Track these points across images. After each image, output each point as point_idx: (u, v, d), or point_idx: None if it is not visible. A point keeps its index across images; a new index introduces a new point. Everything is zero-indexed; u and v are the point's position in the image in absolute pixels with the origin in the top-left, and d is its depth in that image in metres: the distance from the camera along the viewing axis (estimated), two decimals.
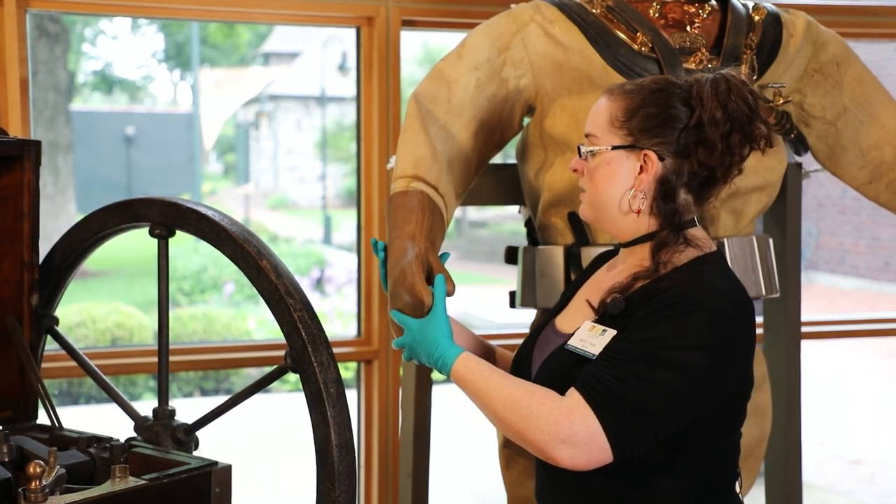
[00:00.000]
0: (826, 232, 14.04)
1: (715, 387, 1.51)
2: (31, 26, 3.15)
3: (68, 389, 7.77)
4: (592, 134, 1.61)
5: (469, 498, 5.29)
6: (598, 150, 1.59)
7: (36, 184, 1.92)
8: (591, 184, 1.62)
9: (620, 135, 1.57)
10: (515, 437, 1.53)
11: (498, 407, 1.53)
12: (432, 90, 2.02)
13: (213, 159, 28.46)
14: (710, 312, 1.48)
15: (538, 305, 2.13)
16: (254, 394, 1.78)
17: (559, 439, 1.47)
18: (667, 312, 1.49)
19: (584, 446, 1.47)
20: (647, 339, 1.48)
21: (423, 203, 1.83)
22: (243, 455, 5.78)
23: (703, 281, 1.52)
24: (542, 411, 1.49)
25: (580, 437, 1.46)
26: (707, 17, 2.11)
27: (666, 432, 1.49)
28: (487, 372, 1.57)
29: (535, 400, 1.50)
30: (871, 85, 2.27)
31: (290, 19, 3.18)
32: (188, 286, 11.84)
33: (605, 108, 1.60)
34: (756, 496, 2.83)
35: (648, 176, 1.56)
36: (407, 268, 1.69)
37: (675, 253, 1.56)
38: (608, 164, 1.58)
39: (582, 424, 1.46)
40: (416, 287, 1.66)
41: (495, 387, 1.54)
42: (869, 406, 7.52)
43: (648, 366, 1.47)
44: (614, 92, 1.61)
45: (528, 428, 1.49)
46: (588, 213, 1.65)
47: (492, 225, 18.66)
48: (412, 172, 1.91)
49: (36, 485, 1.44)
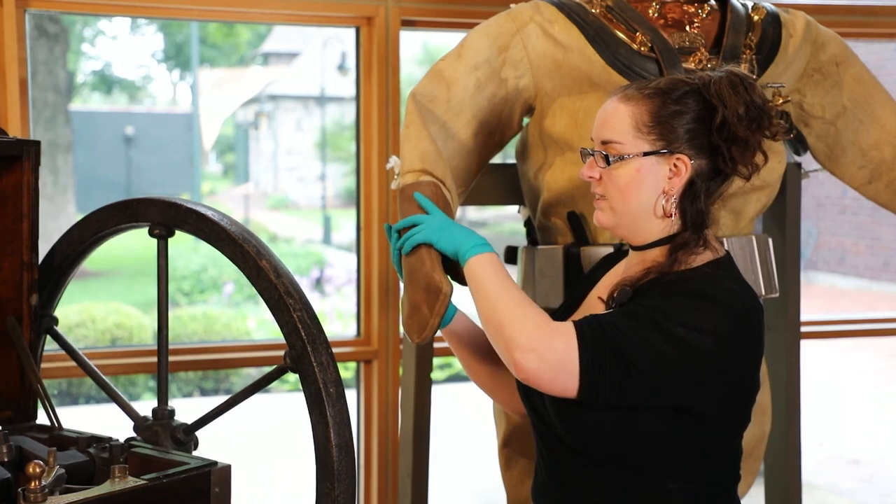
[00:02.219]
0: (826, 232, 14.04)
1: (713, 379, 1.51)
2: (31, 26, 3.15)
3: (68, 389, 7.77)
4: (615, 141, 1.57)
5: (469, 498, 5.29)
6: (628, 157, 1.56)
7: (35, 184, 1.92)
8: (616, 191, 1.58)
9: (650, 140, 1.56)
10: (494, 329, 1.55)
11: (499, 299, 1.56)
12: (431, 90, 2.02)
13: (212, 159, 28.45)
14: (723, 307, 1.50)
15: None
16: (253, 394, 1.78)
17: (531, 347, 1.50)
18: (680, 291, 1.51)
19: (554, 364, 1.49)
20: (654, 307, 1.50)
21: (437, 194, 1.84)
22: (243, 455, 5.78)
23: (718, 282, 1.54)
24: (531, 316, 1.53)
25: (553, 354, 1.49)
26: (706, 17, 2.11)
27: (637, 394, 1.49)
28: (502, 274, 1.61)
29: (532, 309, 1.55)
30: (870, 85, 2.27)
31: (289, 19, 3.18)
32: (188, 286, 11.84)
33: (627, 114, 1.57)
34: (756, 496, 2.83)
35: (680, 179, 1.56)
36: (426, 255, 1.70)
37: (692, 254, 1.57)
38: (637, 171, 1.56)
39: (561, 345, 1.49)
40: (435, 275, 1.68)
41: (510, 286, 1.59)
42: (868, 406, 7.51)
43: (647, 327, 1.49)
44: (632, 96, 1.58)
45: (511, 324, 1.53)
46: (608, 219, 1.61)
47: (492, 225, 18.65)
48: (420, 167, 1.91)
49: (35, 485, 1.44)
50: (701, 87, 1.56)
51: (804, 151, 2.35)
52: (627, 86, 1.63)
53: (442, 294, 1.67)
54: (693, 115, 1.55)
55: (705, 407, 1.53)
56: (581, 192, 2.04)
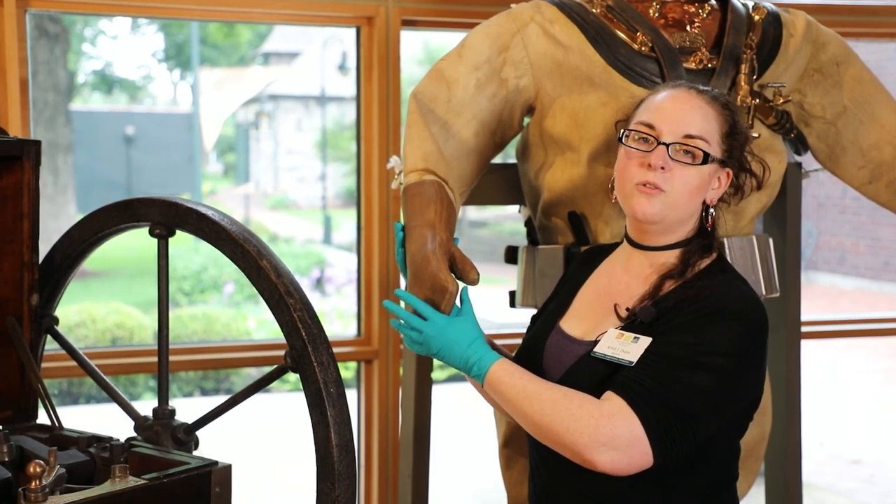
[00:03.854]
0: (826, 232, 14.04)
1: (742, 391, 1.53)
2: (31, 26, 3.15)
3: (68, 389, 7.77)
4: (704, 139, 1.58)
5: (469, 498, 5.29)
6: (713, 158, 1.60)
7: (36, 184, 1.92)
8: (684, 188, 1.58)
9: (723, 150, 1.61)
10: (553, 441, 1.52)
11: (536, 410, 1.52)
12: (432, 90, 2.02)
13: (212, 159, 28.45)
14: (748, 321, 1.52)
15: (538, 305, 2.12)
16: (254, 394, 1.78)
17: (599, 442, 1.46)
18: (707, 319, 1.51)
19: (626, 450, 1.46)
20: (688, 343, 1.50)
21: (441, 193, 1.83)
22: (243, 455, 5.78)
23: (734, 289, 1.57)
24: (581, 414, 1.48)
25: (622, 441, 1.46)
26: (707, 17, 2.11)
27: (703, 436, 1.50)
28: (526, 376, 1.56)
29: (575, 403, 1.50)
30: (871, 85, 2.27)
31: (290, 19, 3.18)
32: (188, 286, 11.84)
33: (715, 118, 1.61)
34: (756, 496, 2.83)
35: (718, 192, 1.63)
36: (431, 255, 1.69)
37: (703, 258, 1.61)
38: (708, 175, 1.60)
39: (625, 428, 1.46)
40: (441, 275, 1.66)
41: (535, 391, 1.53)
42: (868, 406, 7.51)
43: (690, 370, 1.48)
44: (715, 102, 1.62)
45: (567, 431, 1.48)
46: (657, 212, 1.58)
47: (492, 225, 18.65)
48: (423, 166, 1.91)
49: (36, 484, 1.44)
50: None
51: (804, 151, 2.35)
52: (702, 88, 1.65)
53: (448, 293, 1.65)
54: (742, 135, 1.64)
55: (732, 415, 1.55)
56: (581, 192, 2.04)
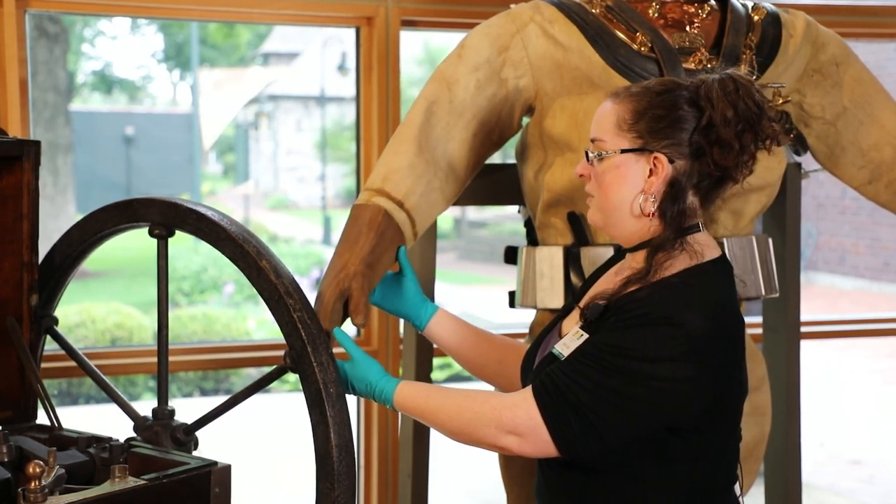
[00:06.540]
0: (826, 232, 14.04)
1: (685, 399, 1.49)
2: (31, 26, 3.15)
3: (68, 389, 7.77)
4: (599, 138, 1.59)
5: (469, 498, 5.29)
6: (607, 154, 1.58)
7: (35, 184, 1.92)
8: (599, 189, 1.60)
9: (629, 138, 1.56)
10: (471, 441, 1.59)
11: (444, 420, 1.61)
12: (435, 92, 2.03)
13: (212, 159, 28.46)
14: (676, 328, 1.47)
15: (537, 305, 2.12)
16: (253, 394, 1.78)
17: (504, 430, 1.54)
18: (633, 322, 1.49)
19: (528, 436, 1.52)
20: (607, 344, 1.50)
21: (374, 221, 1.85)
22: (243, 455, 5.78)
23: (678, 295, 1.51)
24: (484, 409, 1.56)
25: (523, 428, 1.52)
26: (706, 17, 2.11)
27: (618, 438, 1.49)
28: (426, 392, 1.64)
29: (478, 402, 1.58)
30: (870, 85, 2.27)
31: (289, 19, 3.18)
32: (188, 286, 11.85)
33: (612, 112, 1.58)
34: (756, 496, 2.83)
35: (658, 179, 1.55)
36: (325, 289, 1.75)
37: (669, 258, 1.55)
38: (617, 168, 1.57)
39: (524, 416, 1.52)
40: (323, 312, 1.73)
41: (437, 403, 1.62)
42: (868, 406, 7.52)
43: (602, 371, 1.49)
44: (620, 95, 1.60)
45: (476, 427, 1.56)
46: (597, 218, 1.63)
47: (491, 225, 18.66)
48: (378, 186, 1.92)
49: (35, 485, 1.44)
50: (692, 89, 1.55)
51: (804, 151, 2.35)
52: (626, 86, 1.64)
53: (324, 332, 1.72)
54: (677, 115, 1.54)
55: (682, 423, 1.52)
56: (581, 192, 2.03)
